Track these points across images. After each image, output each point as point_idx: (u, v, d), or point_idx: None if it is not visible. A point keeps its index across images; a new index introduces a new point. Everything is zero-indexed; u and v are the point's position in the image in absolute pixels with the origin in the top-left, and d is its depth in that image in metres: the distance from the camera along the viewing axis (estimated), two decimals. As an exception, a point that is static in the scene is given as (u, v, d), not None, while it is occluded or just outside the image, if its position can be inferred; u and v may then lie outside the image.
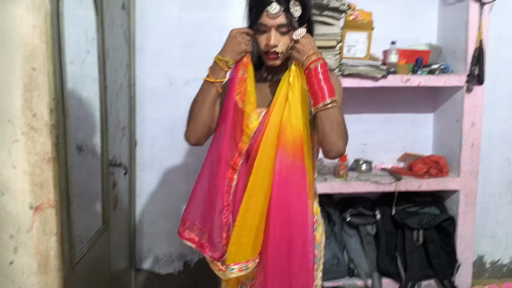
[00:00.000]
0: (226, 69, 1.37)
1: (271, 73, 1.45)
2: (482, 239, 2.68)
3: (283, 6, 1.30)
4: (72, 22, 1.46)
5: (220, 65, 1.36)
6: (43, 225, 1.35)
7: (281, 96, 1.33)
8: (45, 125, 1.30)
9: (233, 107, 1.36)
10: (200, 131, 1.42)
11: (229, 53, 1.36)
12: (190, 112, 1.43)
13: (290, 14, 1.31)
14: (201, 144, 1.46)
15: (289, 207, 1.33)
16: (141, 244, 2.45)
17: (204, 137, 1.44)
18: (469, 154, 2.38)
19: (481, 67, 2.30)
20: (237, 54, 1.35)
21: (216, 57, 1.38)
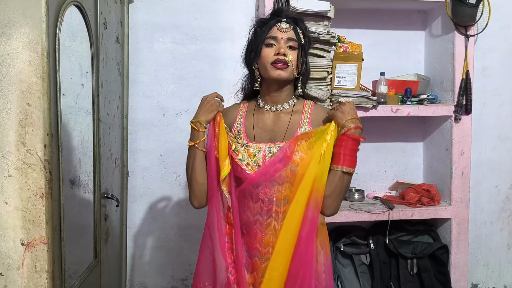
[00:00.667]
0: (201, 129, 1.43)
1: (269, 103, 1.46)
2: (476, 267, 2.68)
3: (292, 25, 1.43)
4: (68, 57, 1.47)
5: (195, 127, 1.43)
6: (34, 262, 1.32)
7: (317, 154, 1.34)
8: (38, 161, 1.29)
9: (215, 162, 1.40)
10: (198, 191, 1.43)
11: (201, 115, 1.44)
12: (187, 178, 1.47)
13: (297, 33, 1.42)
14: (204, 206, 1.46)
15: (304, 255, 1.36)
16: (132, 277, 2.40)
17: (205, 197, 1.44)
18: (460, 183, 2.40)
19: (468, 97, 2.35)
20: (209, 113, 1.44)
21: (190, 122, 1.45)
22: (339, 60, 2.25)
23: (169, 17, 2.34)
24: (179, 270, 2.45)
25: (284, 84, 1.44)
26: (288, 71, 1.39)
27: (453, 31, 2.35)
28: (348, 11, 2.43)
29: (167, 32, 2.35)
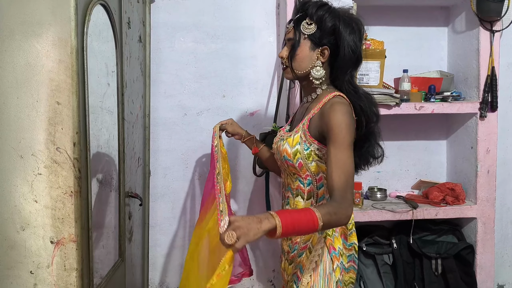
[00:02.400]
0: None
1: (304, 94, 1.55)
2: (502, 268, 2.63)
3: (294, 24, 1.45)
4: (94, 56, 1.48)
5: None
6: (63, 261, 1.33)
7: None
8: (68, 159, 1.29)
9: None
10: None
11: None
12: None
13: (299, 31, 1.42)
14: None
15: None
16: (154, 276, 2.41)
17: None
18: (485, 181, 2.36)
19: (494, 94, 2.31)
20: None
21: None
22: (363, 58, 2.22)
23: (190, 17, 2.34)
24: (201, 270, 2.44)
25: (302, 82, 1.51)
26: (288, 71, 1.47)
27: (478, 26, 2.30)
28: (371, 8, 2.40)
29: (188, 31, 2.35)
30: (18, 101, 1.27)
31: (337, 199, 1.24)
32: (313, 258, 1.42)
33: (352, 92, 1.44)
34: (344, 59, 1.41)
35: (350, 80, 1.45)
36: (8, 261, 1.32)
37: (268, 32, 2.39)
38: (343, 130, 1.31)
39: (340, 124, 1.31)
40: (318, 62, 1.43)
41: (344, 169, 1.27)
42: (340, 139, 1.30)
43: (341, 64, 1.42)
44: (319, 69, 1.43)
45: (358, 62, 1.45)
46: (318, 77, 1.44)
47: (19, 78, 1.26)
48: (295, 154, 1.42)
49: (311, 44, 1.42)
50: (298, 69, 1.45)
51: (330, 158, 1.30)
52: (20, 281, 1.32)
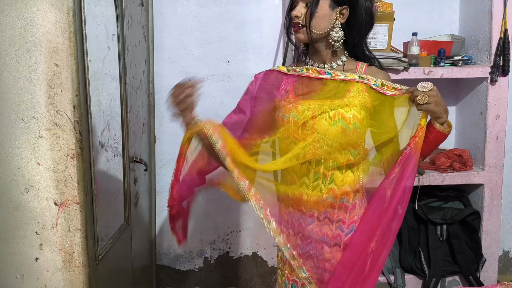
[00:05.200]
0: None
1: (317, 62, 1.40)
2: (508, 234, 2.62)
3: None
4: (93, 19, 1.46)
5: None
6: (67, 222, 1.35)
7: (388, 123, 1.35)
8: (68, 122, 1.30)
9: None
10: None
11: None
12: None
13: None
14: None
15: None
16: (161, 241, 2.45)
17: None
18: (494, 147, 2.32)
19: (506, 58, 2.24)
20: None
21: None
22: (369, 20, 2.16)
23: (193, -21, 2.29)
24: (207, 234, 2.48)
25: (318, 45, 1.37)
26: (304, 32, 1.33)
27: (491, -13, 2.22)
28: (379, -31, 2.31)
29: (191, -5, 2.30)
30: (17, 63, 1.26)
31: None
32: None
33: (369, 56, 1.40)
34: (363, 22, 1.34)
35: (365, 43, 1.40)
36: (14, 222, 1.35)
37: (273, -6, 2.34)
38: None
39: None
40: (337, 22, 1.33)
41: None
42: None
43: (360, 28, 1.34)
44: (338, 30, 1.33)
45: (372, 25, 1.38)
46: (337, 39, 1.33)
47: (17, 40, 1.25)
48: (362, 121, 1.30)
49: (331, 2, 1.31)
50: (316, 29, 1.32)
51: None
52: (26, 241, 1.35)
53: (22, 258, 1.36)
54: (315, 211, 1.35)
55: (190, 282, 2.51)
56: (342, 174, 1.35)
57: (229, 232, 2.49)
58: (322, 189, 1.34)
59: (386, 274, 2.34)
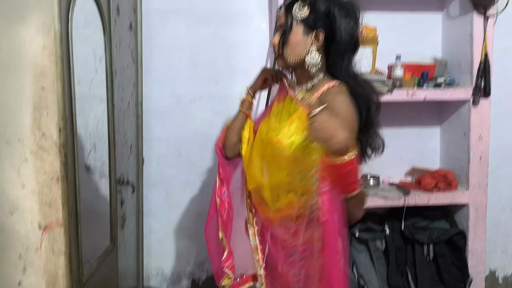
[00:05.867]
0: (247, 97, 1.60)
1: (298, 83, 1.43)
2: (494, 254, 2.64)
3: (285, 8, 1.36)
4: (81, 42, 1.49)
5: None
6: (51, 244, 1.35)
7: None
8: (54, 144, 1.31)
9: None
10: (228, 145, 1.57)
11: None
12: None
13: (291, 16, 1.33)
14: (235, 157, 1.56)
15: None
16: (149, 262, 2.43)
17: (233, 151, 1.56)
18: (478, 168, 2.36)
19: (487, 80, 2.29)
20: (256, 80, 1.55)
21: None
22: (354, 43, 2.22)
23: (182, 3, 2.33)
24: (196, 255, 2.47)
25: (297, 69, 1.40)
26: (282, 58, 1.37)
27: (472, 11, 2.28)
28: (363, -6, 2.38)
29: (181, 18, 2.34)
30: (4, 86, 1.28)
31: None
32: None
33: (352, 79, 1.36)
34: (341, 43, 1.32)
35: (348, 65, 1.36)
36: (-2, 245, 1.34)
37: (260, 18, 2.39)
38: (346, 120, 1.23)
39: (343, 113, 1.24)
40: (313, 47, 1.33)
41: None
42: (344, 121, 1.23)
43: (338, 49, 1.33)
44: (314, 55, 1.33)
45: (356, 46, 1.37)
46: (314, 63, 1.33)
47: (4, 63, 1.28)
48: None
49: (305, 28, 1.33)
50: (291, 56, 1.34)
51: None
52: (10, 262, 1.35)
53: (4, 282, 1.35)
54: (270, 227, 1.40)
55: (177, 305, 2.49)
56: (285, 196, 1.33)
57: (217, 253, 2.48)
58: (271, 206, 1.36)
59: (374, 295, 2.34)
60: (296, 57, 1.35)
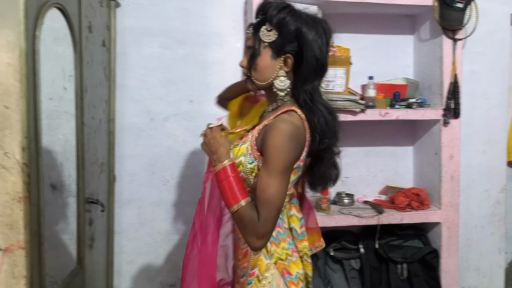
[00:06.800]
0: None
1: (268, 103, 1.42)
2: (467, 272, 2.67)
3: (254, 30, 1.32)
4: (49, 60, 1.46)
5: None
6: (12, 268, 1.30)
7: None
8: (16, 164, 1.27)
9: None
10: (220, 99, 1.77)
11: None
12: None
13: (258, 38, 1.29)
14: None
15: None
16: (120, 283, 2.37)
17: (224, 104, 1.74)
18: (449, 187, 2.39)
19: (457, 101, 2.35)
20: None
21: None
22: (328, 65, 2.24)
23: (157, 22, 2.33)
24: (168, 276, 2.42)
25: (266, 91, 1.38)
26: (250, 81, 1.35)
27: (441, 35, 2.35)
28: (336, 16, 2.40)
29: (155, 37, 2.34)
30: (-35, 105, 1.24)
31: (258, 225, 1.21)
32: (264, 287, 1.30)
33: (308, 103, 1.29)
34: (307, 66, 1.27)
35: (309, 90, 1.30)
36: (-46, 269, 1.28)
37: (235, 38, 2.40)
38: (278, 154, 1.19)
39: (275, 146, 1.20)
40: (282, 72, 1.29)
41: (268, 199, 1.20)
42: (272, 163, 1.20)
43: (303, 72, 1.29)
44: (283, 80, 1.29)
45: (323, 70, 1.31)
46: (282, 88, 1.30)
47: (-34, 82, 1.24)
48: (237, 166, 1.28)
49: (273, 53, 1.28)
50: (260, 80, 1.31)
51: (258, 182, 1.23)
52: (-33, 289, 1.29)
53: (-40, 308, 1.29)
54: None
55: (149, 327, 2.42)
56: None
57: (190, 273, 2.44)
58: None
59: (348, 315, 2.33)
60: (265, 81, 1.32)
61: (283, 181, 1.22)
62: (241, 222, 1.22)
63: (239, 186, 1.24)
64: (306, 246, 1.38)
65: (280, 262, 1.32)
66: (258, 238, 1.21)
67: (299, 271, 1.34)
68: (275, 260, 1.32)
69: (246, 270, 1.34)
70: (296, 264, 1.34)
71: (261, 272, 1.31)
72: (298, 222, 1.38)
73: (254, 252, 1.31)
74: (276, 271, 1.31)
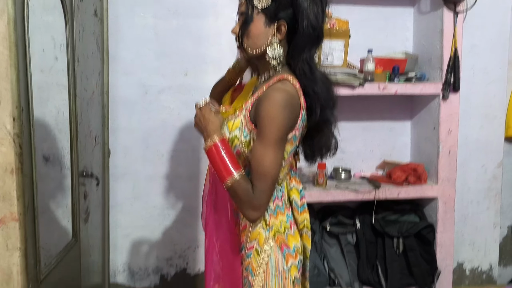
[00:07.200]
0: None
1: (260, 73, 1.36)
2: (462, 246, 2.69)
3: None
4: (39, 29, 1.41)
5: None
6: (5, 240, 1.28)
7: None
8: (7, 135, 1.23)
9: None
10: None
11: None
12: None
13: (252, 4, 1.24)
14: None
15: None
16: (115, 258, 2.37)
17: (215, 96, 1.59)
18: (447, 162, 2.39)
19: (456, 75, 2.32)
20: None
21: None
22: (326, 36, 2.18)
23: (150, -9, 2.26)
24: (164, 250, 2.42)
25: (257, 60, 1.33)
26: (243, 49, 1.30)
27: (442, 7, 2.30)
28: (336, -14, 2.36)
29: (148, 7, 2.27)
30: (-48, 73, 1.20)
31: (253, 197, 1.21)
32: (263, 260, 1.29)
33: (307, 73, 1.26)
34: (303, 35, 1.23)
35: (307, 59, 1.26)
36: None
37: (231, 8, 2.33)
38: (272, 123, 1.17)
39: (269, 116, 1.17)
40: (275, 39, 1.25)
41: (263, 171, 1.19)
42: (265, 133, 1.18)
43: (299, 41, 1.25)
44: (276, 48, 1.25)
45: (319, 39, 1.27)
46: (275, 56, 1.25)
47: (-48, 48, 1.19)
48: (232, 141, 1.26)
49: (266, 19, 1.24)
50: (252, 47, 1.27)
51: (253, 154, 1.21)
52: (-41, 261, 1.27)
53: (-46, 280, 1.28)
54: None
55: (145, 300, 2.44)
56: None
57: (186, 248, 2.44)
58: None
59: (344, 288, 2.35)
60: (257, 49, 1.27)
61: (278, 152, 1.20)
62: (236, 195, 1.22)
63: (231, 159, 1.22)
64: (306, 218, 1.37)
65: (278, 235, 1.30)
66: (254, 209, 1.21)
67: (297, 244, 1.33)
68: (274, 233, 1.30)
69: (244, 244, 1.33)
70: (294, 237, 1.33)
71: (260, 245, 1.29)
72: (298, 194, 1.37)
73: (252, 226, 1.30)
74: (275, 244, 1.29)
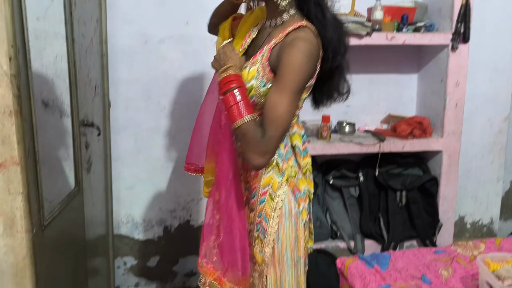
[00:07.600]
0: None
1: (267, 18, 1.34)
2: (464, 200, 2.69)
3: None
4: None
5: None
6: (7, 184, 1.25)
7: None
8: (4, 75, 1.18)
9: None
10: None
11: None
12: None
13: None
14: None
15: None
16: (118, 209, 2.37)
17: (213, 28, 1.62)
18: (453, 115, 2.35)
19: (467, 25, 2.24)
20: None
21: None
22: (333, -18, 2.10)
23: None
24: (167, 202, 2.42)
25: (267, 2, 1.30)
26: None
27: (455, -48, 2.19)
28: None
29: (147, -50, 2.16)
30: None
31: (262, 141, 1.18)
32: (277, 205, 1.29)
33: (320, 17, 1.23)
34: None
35: (320, 2, 1.25)
36: None
37: (234, -48, 2.22)
38: (294, 73, 1.16)
39: (293, 65, 1.16)
40: None
41: (277, 117, 1.17)
42: (286, 81, 1.17)
43: None
44: None
45: None
46: None
47: None
48: (249, 91, 1.25)
49: None
50: None
51: (268, 99, 1.19)
52: (-38, 206, 1.25)
53: (-43, 224, 1.26)
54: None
55: (149, 252, 2.46)
56: None
57: (189, 200, 2.44)
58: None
59: (346, 240, 2.36)
60: None
61: (294, 101, 1.20)
62: (244, 138, 1.20)
63: (245, 101, 1.21)
64: (308, 162, 1.38)
65: (291, 179, 1.32)
66: (260, 155, 1.19)
67: (305, 187, 1.34)
68: (287, 177, 1.31)
69: (257, 191, 1.33)
70: (302, 181, 1.34)
71: (274, 190, 1.30)
72: (300, 139, 1.36)
73: (265, 171, 1.30)
74: (288, 188, 1.31)
